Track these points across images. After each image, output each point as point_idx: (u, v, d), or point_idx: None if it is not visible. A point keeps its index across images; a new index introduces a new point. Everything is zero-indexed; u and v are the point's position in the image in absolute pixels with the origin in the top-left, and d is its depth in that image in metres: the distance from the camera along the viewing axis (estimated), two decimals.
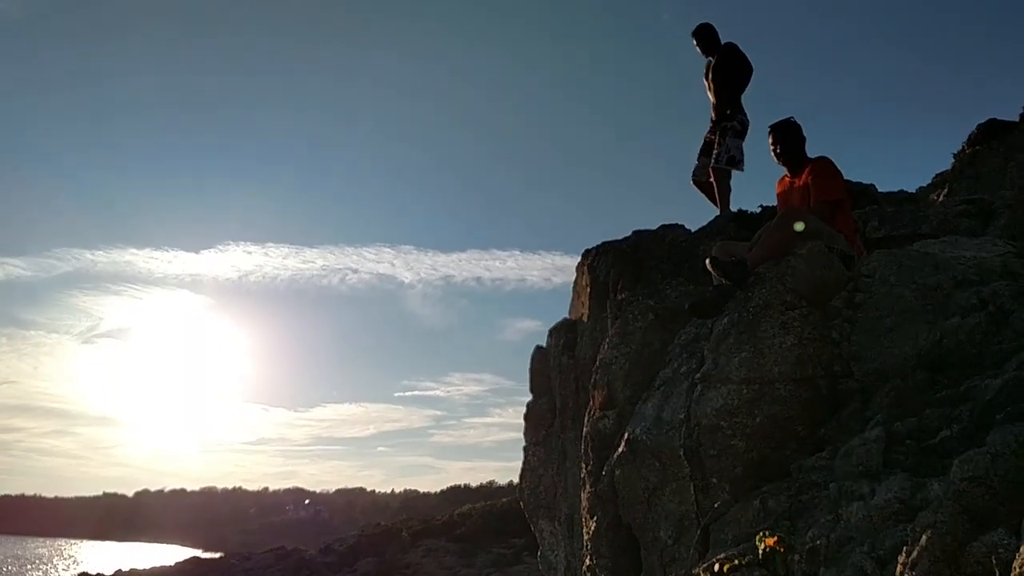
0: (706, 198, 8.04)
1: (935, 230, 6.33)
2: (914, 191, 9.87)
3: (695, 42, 8.11)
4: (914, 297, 4.48)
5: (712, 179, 7.85)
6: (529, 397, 8.50)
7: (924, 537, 2.75)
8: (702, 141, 8.10)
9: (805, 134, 5.67)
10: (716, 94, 7.95)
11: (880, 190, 8.40)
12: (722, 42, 8.03)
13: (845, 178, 5.64)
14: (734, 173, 7.84)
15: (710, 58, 8.07)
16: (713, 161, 7.78)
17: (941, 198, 8.72)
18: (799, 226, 4.97)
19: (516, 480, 8.57)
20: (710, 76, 7.99)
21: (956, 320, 4.23)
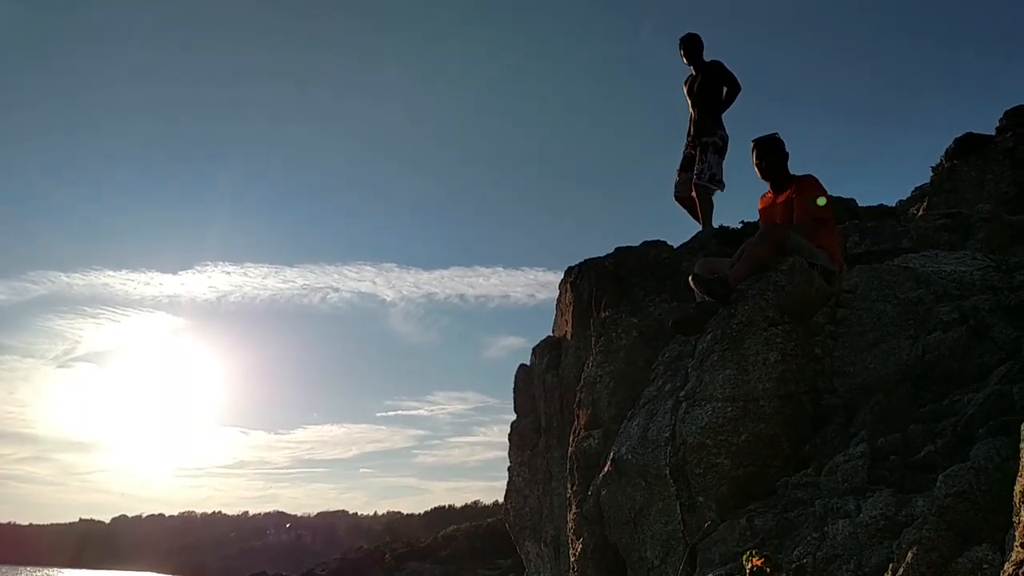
0: (688, 214, 8.05)
1: (915, 244, 6.38)
2: (894, 205, 9.97)
3: (681, 51, 8.12)
4: (896, 312, 4.51)
5: (694, 195, 7.86)
6: (514, 416, 8.46)
7: (910, 554, 2.74)
8: (681, 156, 8.12)
9: (788, 150, 5.70)
10: (698, 109, 7.97)
11: (860, 204, 8.47)
12: (708, 59, 8.07)
13: (830, 195, 5.66)
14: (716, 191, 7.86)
15: (692, 69, 8.09)
16: (695, 177, 7.79)
17: (920, 212, 8.82)
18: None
19: (501, 500, 8.51)
20: (694, 89, 8.01)
21: (938, 334, 4.25)
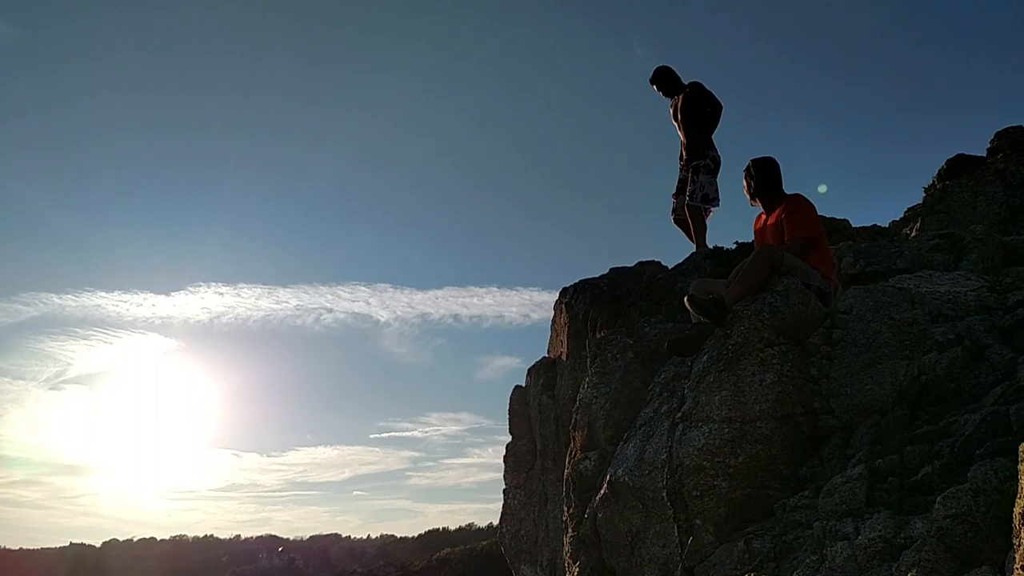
0: (685, 235, 8.08)
1: (909, 265, 6.40)
2: (887, 225, 10.02)
3: (655, 87, 8.22)
4: (891, 333, 4.51)
5: (688, 217, 7.90)
6: (509, 437, 8.42)
7: None
8: (677, 181, 8.16)
9: (781, 174, 5.74)
10: (686, 133, 8.03)
11: (853, 224, 8.51)
12: (686, 83, 8.14)
13: (819, 214, 5.69)
14: (713, 210, 7.90)
15: (674, 98, 8.17)
16: (688, 199, 7.83)
17: (913, 232, 8.85)
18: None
19: (496, 522, 8.47)
20: (678, 116, 8.09)
21: (933, 355, 4.25)
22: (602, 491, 5.03)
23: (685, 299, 5.03)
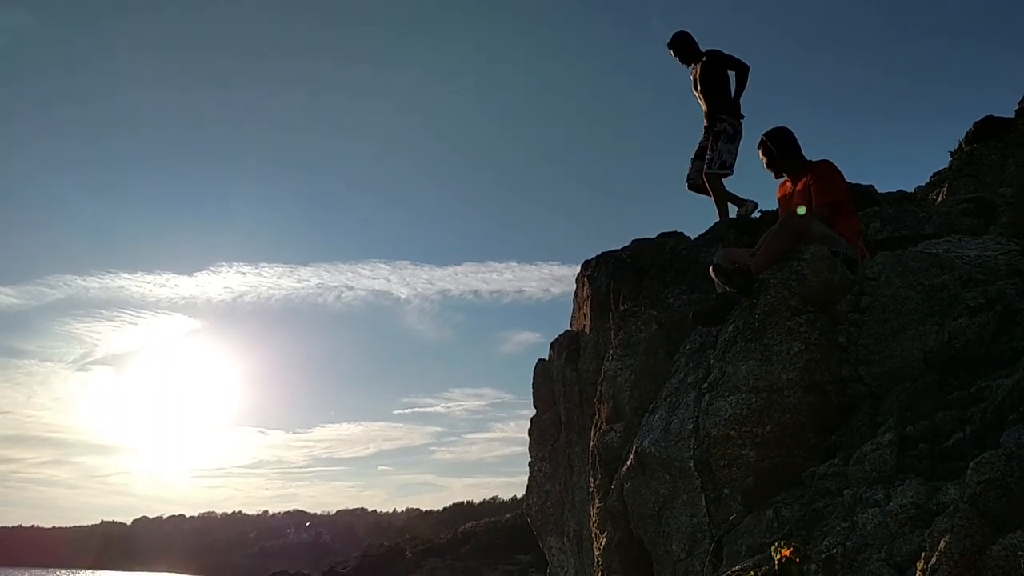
0: (708, 197, 7.95)
1: (938, 230, 6.31)
2: (912, 191, 9.87)
3: (672, 52, 8.10)
4: (920, 298, 4.45)
5: (707, 184, 7.81)
6: (530, 410, 8.46)
7: (943, 542, 2.70)
8: (696, 147, 8.07)
9: (799, 140, 5.67)
10: (706, 102, 7.93)
11: (879, 190, 8.39)
12: (704, 50, 8.02)
13: (846, 180, 5.62)
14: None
15: (693, 66, 8.06)
16: (706, 166, 7.74)
17: (941, 197, 8.72)
18: (801, 209, 4.99)
19: (520, 495, 8.55)
20: (697, 86, 7.99)
21: (964, 320, 4.19)
22: (628, 462, 5.04)
23: (710, 269, 4.99)
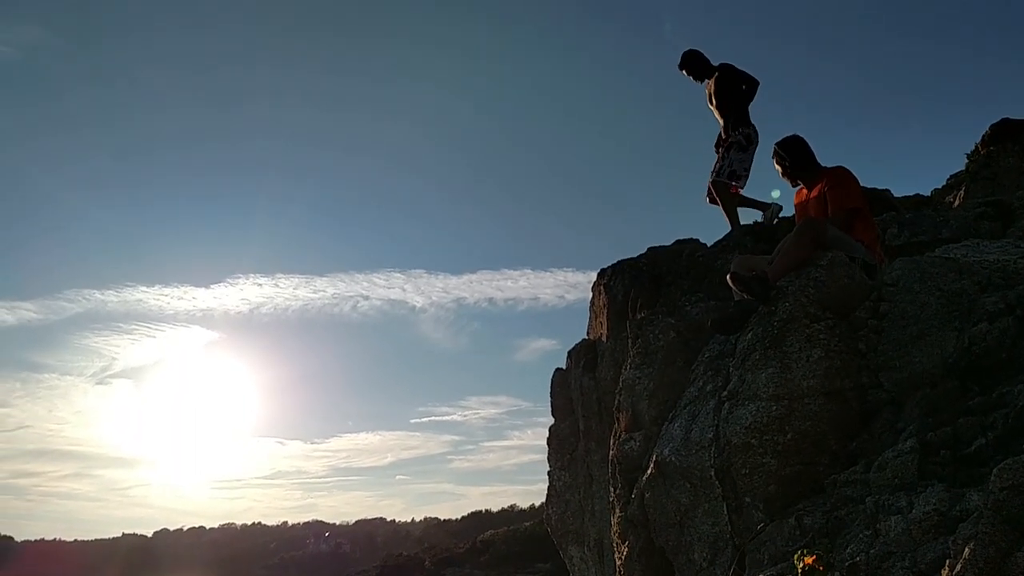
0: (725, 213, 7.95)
1: (955, 234, 6.28)
2: (929, 194, 9.83)
3: (684, 72, 8.11)
4: (939, 304, 4.44)
5: (716, 194, 7.80)
6: (547, 417, 8.48)
7: (967, 549, 2.69)
8: (714, 162, 8.07)
9: (812, 146, 5.67)
10: (722, 116, 7.94)
11: (895, 194, 8.36)
12: (716, 64, 8.02)
13: (862, 185, 5.61)
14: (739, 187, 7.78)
15: (706, 81, 8.07)
16: (714, 175, 7.73)
17: (957, 200, 8.68)
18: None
19: (538, 503, 8.59)
20: (712, 101, 7.99)
21: (984, 325, 4.18)
22: (649, 471, 5.04)
23: (728, 277, 4.99)
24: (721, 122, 7.95)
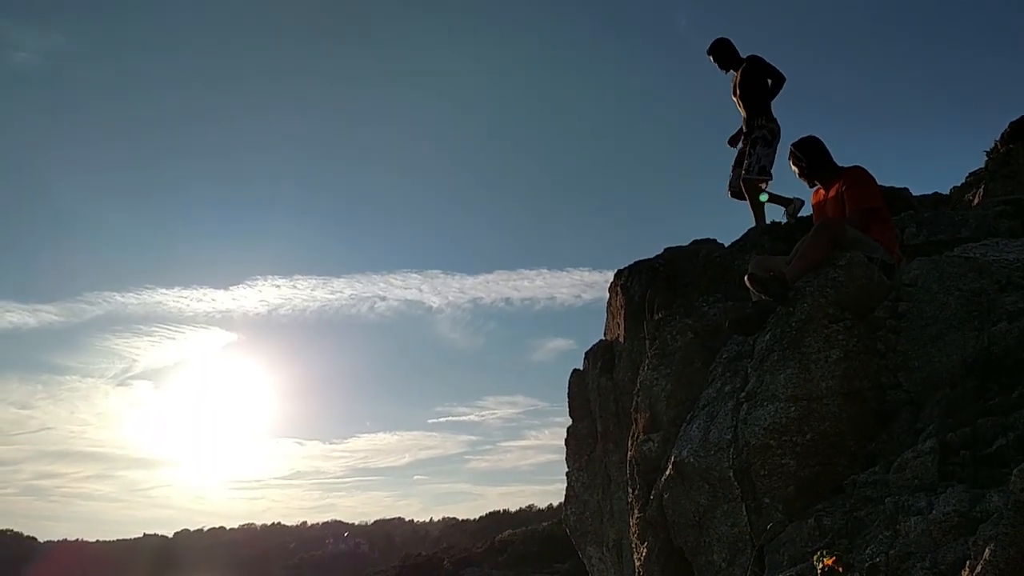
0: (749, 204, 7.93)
1: (974, 233, 6.25)
2: (948, 191, 9.76)
3: (711, 58, 8.11)
4: (958, 304, 4.43)
5: (744, 190, 7.80)
6: (564, 417, 8.49)
7: (987, 550, 2.69)
8: (736, 154, 8.06)
9: (828, 146, 5.67)
10: (745, 108, 7.93)
11: (913, 192, 8.31)
12: (744, 56, 8.01)
13: (879, 183, 5.60)
14: (765, 184, 7.78)
15: (732, 72, 8.06)
16: (744, 172, 7.74)
17: (977, 199, 8.61)
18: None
19: (556, 503, 8.61)
20: (737, 92, 7.98)
21: (1003, 325, 4.16)
22: (667, 472, 5.05)
23: (745, 277, 5.00)
24: (744, 114, 7.94)
